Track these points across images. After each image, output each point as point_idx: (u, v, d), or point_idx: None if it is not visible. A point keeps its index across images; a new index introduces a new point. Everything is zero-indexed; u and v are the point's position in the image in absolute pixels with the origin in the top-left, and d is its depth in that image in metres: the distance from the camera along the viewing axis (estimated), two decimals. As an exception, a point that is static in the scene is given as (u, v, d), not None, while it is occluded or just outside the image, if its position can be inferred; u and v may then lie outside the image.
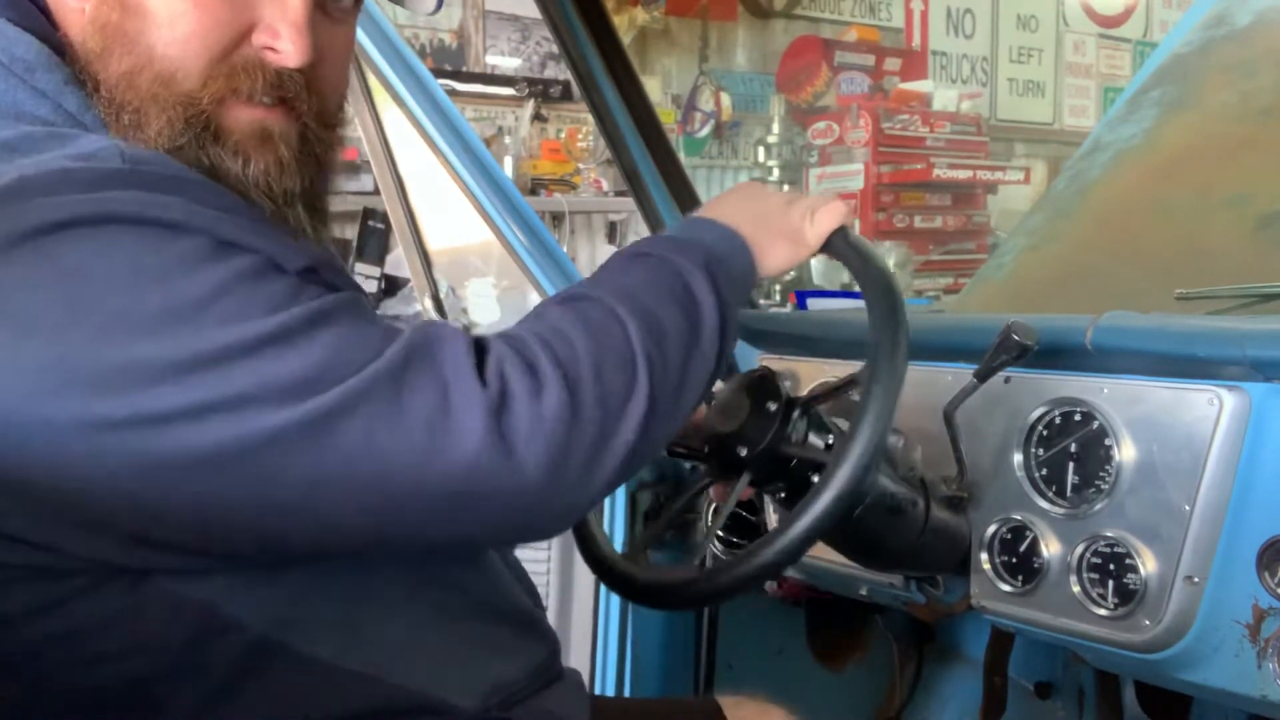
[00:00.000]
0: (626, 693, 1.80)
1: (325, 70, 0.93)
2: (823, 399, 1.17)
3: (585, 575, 1.79)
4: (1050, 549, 1.26)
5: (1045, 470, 1.27)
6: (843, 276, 5.19)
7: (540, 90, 5.17)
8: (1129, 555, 1.18)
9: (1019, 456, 1.29)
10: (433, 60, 4.94)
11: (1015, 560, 1.29)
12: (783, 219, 1.09)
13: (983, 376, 1.24)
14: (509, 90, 5.14)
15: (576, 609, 1.83)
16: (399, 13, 4.65)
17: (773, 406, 1.14)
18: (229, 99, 0.87)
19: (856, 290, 1.10)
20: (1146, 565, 1.17)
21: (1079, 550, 1.23)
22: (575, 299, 0.91)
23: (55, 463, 0.73)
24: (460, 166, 1.88)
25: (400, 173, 2.21)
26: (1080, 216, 2.00)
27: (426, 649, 0.94)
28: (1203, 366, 1.17)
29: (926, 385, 1.35)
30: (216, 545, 0.80)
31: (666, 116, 5.49)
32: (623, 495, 1.75)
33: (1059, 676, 1.83)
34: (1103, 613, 1.21)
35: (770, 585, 1.77)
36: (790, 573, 1.69)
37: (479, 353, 0.82)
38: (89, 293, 0.73)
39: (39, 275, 0.73)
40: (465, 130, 1.90)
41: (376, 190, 2.37)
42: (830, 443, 1.16)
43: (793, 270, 1.11)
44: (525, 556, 1.79)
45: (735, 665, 1.84)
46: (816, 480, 1.04)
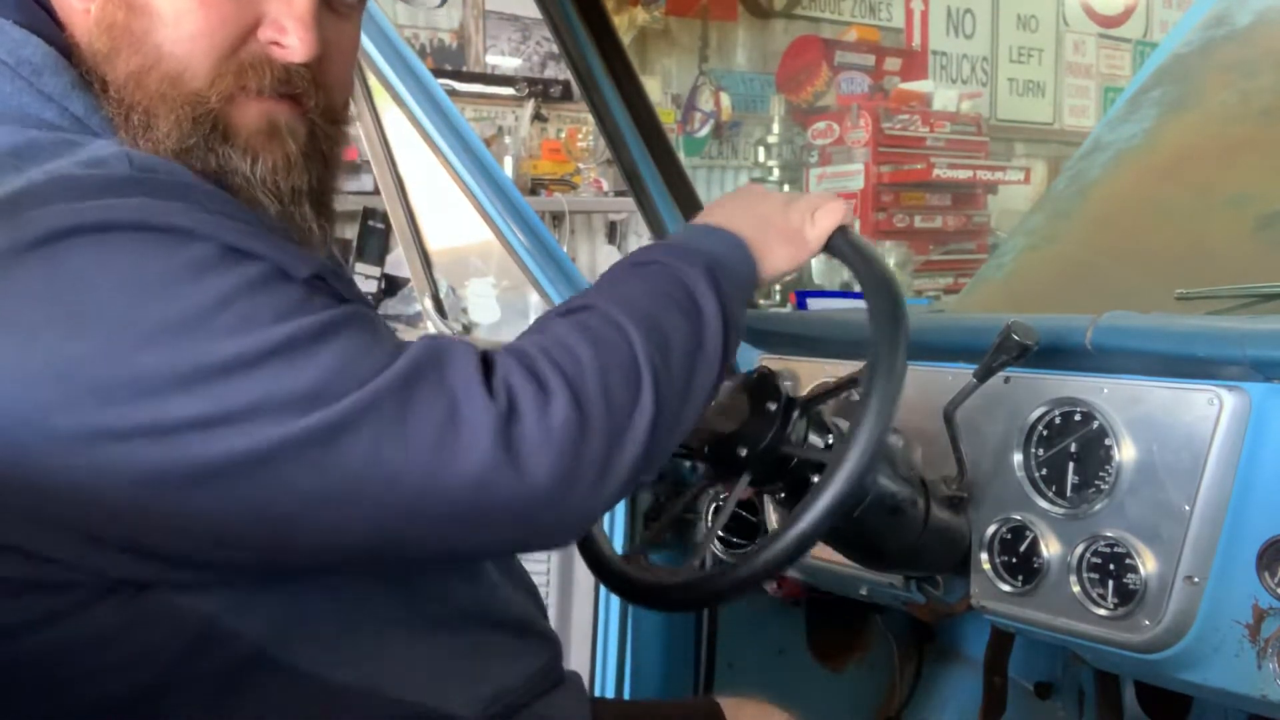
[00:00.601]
0: (627, 694, 1.80)
1: (331, 66, 0.93)
2: (823, 399, 1.17)
3: (585, 576, 1.79)
4: (1050, 549, 1.26)
5: (1045, 470, 1.27)
6: (843, 276, 5.18)
7: (540, 90, 5.17)
8: (1129, 555, 1.18)
9: (1019, 456, 1.29)
10: (433, 60, 4.93)
11: (1015, 560, 1.29)
12: (783, 220, 1.08)
13: (983, 376, 1.24)
14: (509, 90, 5.14)
15: (576, 610, 1.83)
16: (399, 13, 4.65)
17: (773, 406, 1.14)
18: (237, 96, 0.87)
19: (857, 290, 1.10)
20: (1146, 565, 1.17)
21: (1079, 550, 1.23)
22: (578, 310, 0.91)
23: (59, 474, 0.73)
24: (460, 166, 1.87)
25: (400, 173, 2.21)
26: (1080, 216, 2.00)
27: (426, 660, 0.94)
28: (1203, 366, 1.17)
29: (926, 385, 1.35)
30: (219, 558, 0.79)
31: (666, 116, 5.49)
32: (623, 495, 1.75)
33: (1059, 676, 1.83)
34: (1103, 613, 1.21)
35: (770, 585, 1.77)
36: (790, 573, 1.69)
37: (485, 367, 0.82)
38: (94, 301, 0.73)
39: (44, 284, 0.72)
40: (465, 130, 1.90)
41: (376, 190, 2.37)
42: (830, 443, 1.16)
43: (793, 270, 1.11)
44: (525, 558, 1.79)
45: (735, 665, 1.84)
46: (816, 480, 1.04)
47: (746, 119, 6.01)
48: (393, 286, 4.26)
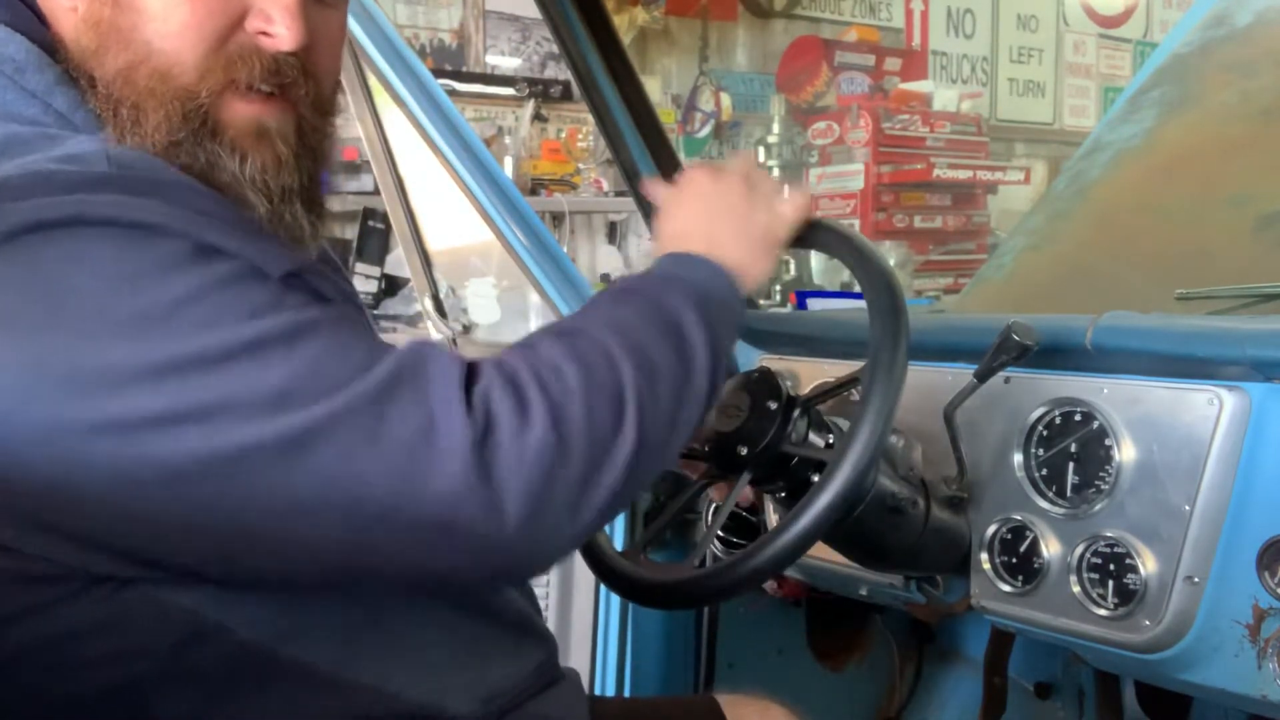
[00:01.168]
0: (626, 692, 1.80)
1: (319, 55, 0.93)
2: (823, 398, 1.17)
3: (585, 575, 1.79)
4: (1050, 549, 1.26)
5: (1045, 470, 1.27)
6: (843, 276, 5.19)
7: (540, 90, 5.17)
8: (1129, 555, 1.18)
9: (1019, 456, 1.29)
10: (433, 60, 4.93)
11: (1015, 560, 1.29)
12: (751, 224, 1.06)
13: (983, 376, 1.24)
14: (509, 90, 5.14)
15: (576, 609, 1.83)
16: (399, 13, 4.65)
17: (773, 406, 1.14)
18: (227, 92, 0.87)
19: (857, 290, 1.10)
20: (1146, 565, 1.17)
21: (1079, 550, 1.23)
22: (568, 333, 0.89)
23: (23, 466, 0.72)
24: (460, 166, 1.87)
25: (400, 173, 2.21)
26: (1080, 217, 2.00)
27: (423, 656, 0.93)
28: (1203, 366, 1.17)
29: (926, 385, 1.35)
30: (189, 560, 0.78)
31: (666, 116, 5.49)
32: (623, 495, 1.75)
33: (1059, 676, 1.83)
34: (1103, 613, 1.21)
35: (770, 585, 1.77)
36: (790, 573, 1.69)
37: (468, 377, 0.80)
38: (62, 296, 0.72)
39: (11, 277, 0.72)
40: (465, 130, 1.90)
41: (376, 190, 2.37)
42: (831, 442, 1.16)
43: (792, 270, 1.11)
44: (525, 556, 1.79)
45: (735, 665, 1.84)
46: (817, 479, 1.04)
47: (747, 119, 6.01)
48: (393, 286, 4.26)
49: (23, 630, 0.79)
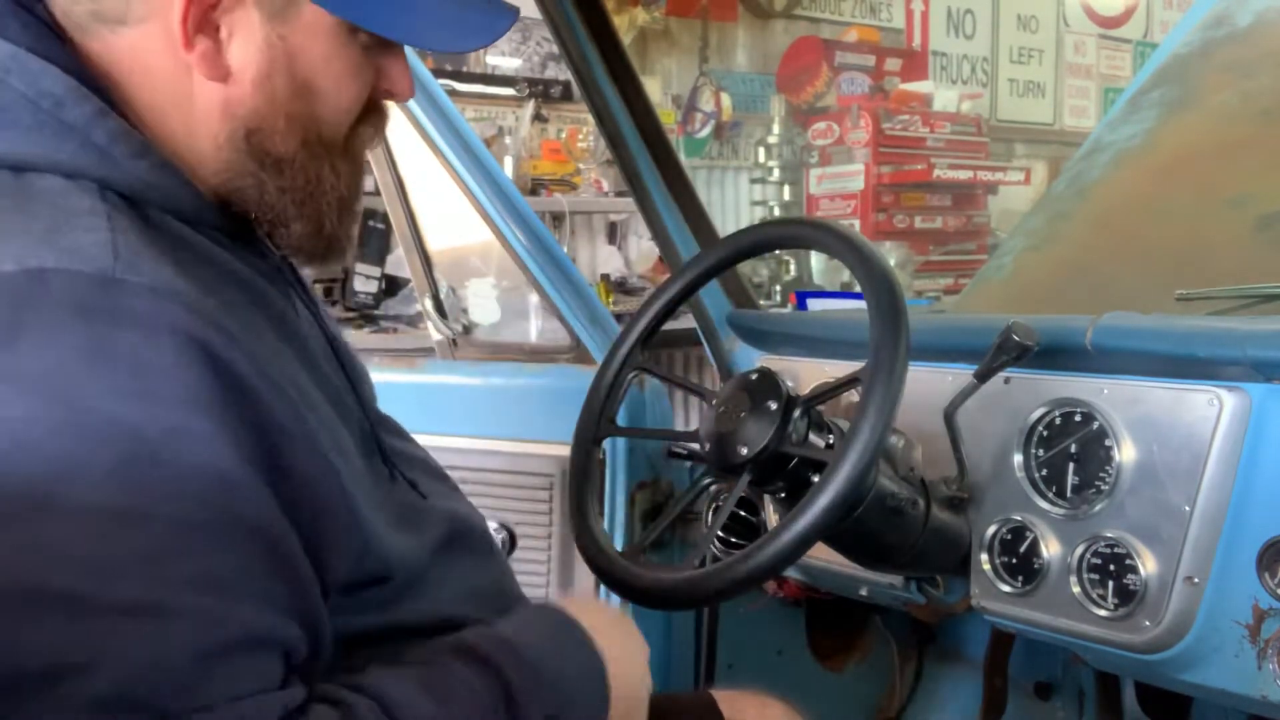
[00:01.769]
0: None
1: None
2: (823, 398, 1.17)
3: (585, 575, 1.79)
4: (1050, 549, 1.26)
5: (1045, 471, 1.27)
6: (843, 276, 5.19)
7: (540, 90, 5.17)
8: (1129, 556, 1.18)
9: (1019, 457, 1.29)
10: (433, 60, 4.93)
11: (1015, 561, 1.29)
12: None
13: (983, 377, 1.24)
14: (509, 90, 5.14)
15: (576, 609, 1.83)
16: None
17: (773, 406, 1.14)
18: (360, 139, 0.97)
19: (857, 290, 1.10)
20: (1146, 566, 1.17)
21: (1079, 551, 1.23)
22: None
23: None
24: (460, 166, 1.88)
25: (400, 173, 2.21)
26: (1080, 217, 2.00)
27: None
28: (1203, 367, 1.17)
29: (926, 385, 1.35)
30: None
31: (666, 116, 5.49)
32: (623, 495, 1.76)
33: (1059, 677, 1.83)
34: (1103, 613, 1.21)
35: (770, 585, 1.78)
36: (790, 573, 1.69)
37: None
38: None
39: None
40: (465, 130, 1.90)
41: (376, 190, 2.37)
42: (831, 442, 1.16)
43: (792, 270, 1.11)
44: (525, 556, 1.80)
45: (735, 665, 1.84)
46: (817, 480, 1.04)
47: (747, 119, 6.01)
48: (393, 286, 4.27)
49: None
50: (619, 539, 1.72)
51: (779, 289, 5.25)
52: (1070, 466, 1.25)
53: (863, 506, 1.18)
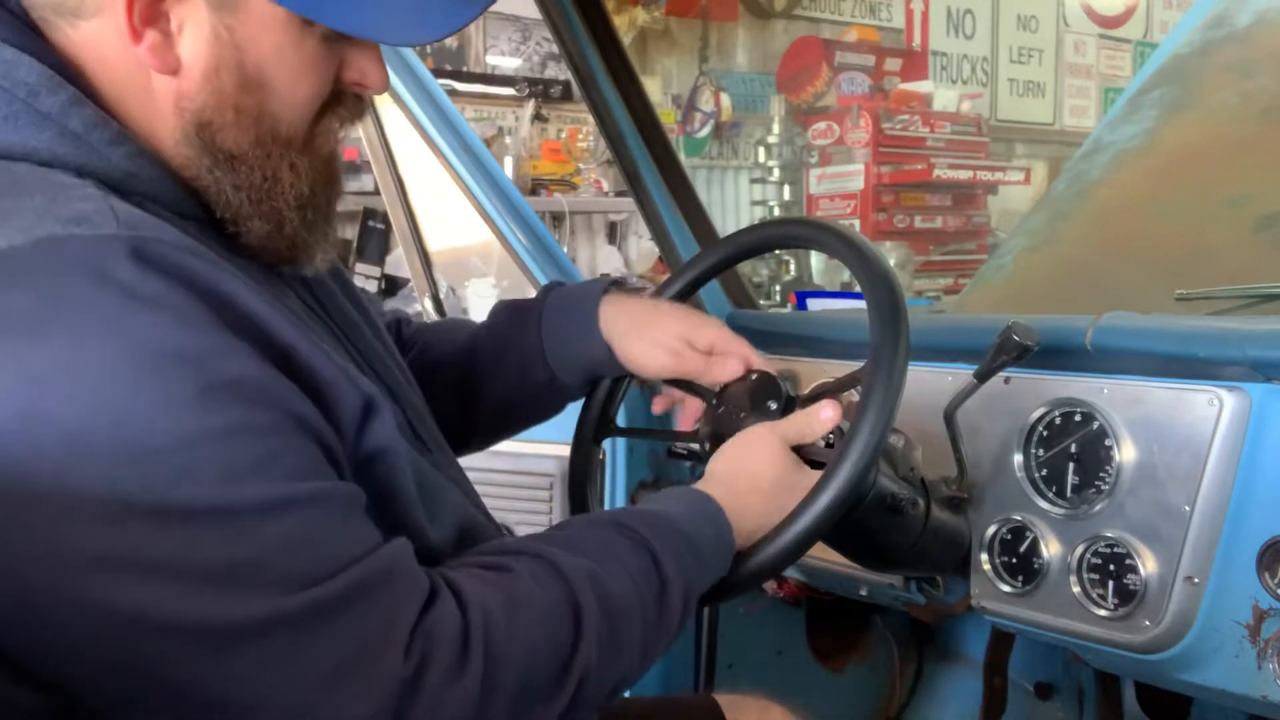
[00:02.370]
0: (627, 693, 1.80)
1: None
2: (823, 399, 1.17)
3: (585, 575, 1.79)
4: (1050, 549, 1.26)
5: (1045, 470, 1.27)
6: (843, 276, 5.19)
7: (540, 90, 5.18)
8: (1129, 556, 1.18)
9: (1019, 457, 1.29)
10: (433, 60, 4.93)
11: (1015, 561, 1.29)
12: (780, 505, 1.05)
13: (983, 377, 1.24)
14: (509, 90, 5.15)
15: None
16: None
17: (773, 406, 1.14)
18: (325, 134, 0.94)
19: (857, 290, 1.10)
20: (1146, 566, 1.17)
21: (1079, 551, 1.23)
22: (553, 571, 0.87)
23: None
24: (460, 166, 1.88)
25: (400, 173, 2.21)
26: (1080, 217, 2.00)
27: None
28: (1203, 367, 1.17)
29: (927, 385, 1.35)
30: (68, 685, 0.74)
31: (666, 116, 5.49)
32: (623, 495, 1.76)
33: (1059, 677, 1.83)
34: (1103, 613, 1.21)
35: (770, 585, 1.78)
36: (790, 573, 1.69)
37: (429, 595, 0.79)
38: (51, 402, 0.70)
39: (5, 372, 0.70)
40: (465, 130, 1.90)
41: (376, 190, 2.37)
42: (831, 442, 1.16)
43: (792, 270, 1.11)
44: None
45: (735, 665, 1.84)
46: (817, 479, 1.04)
47: (747, 119, 6.02)
48: (393, 286, 4.27)
49: None
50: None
51: (779, 289, 5.26)
52: (1070, 466, 1.25)
53: (863, 506, 1.18)
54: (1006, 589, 1.30)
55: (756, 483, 1.06)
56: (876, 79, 6.24)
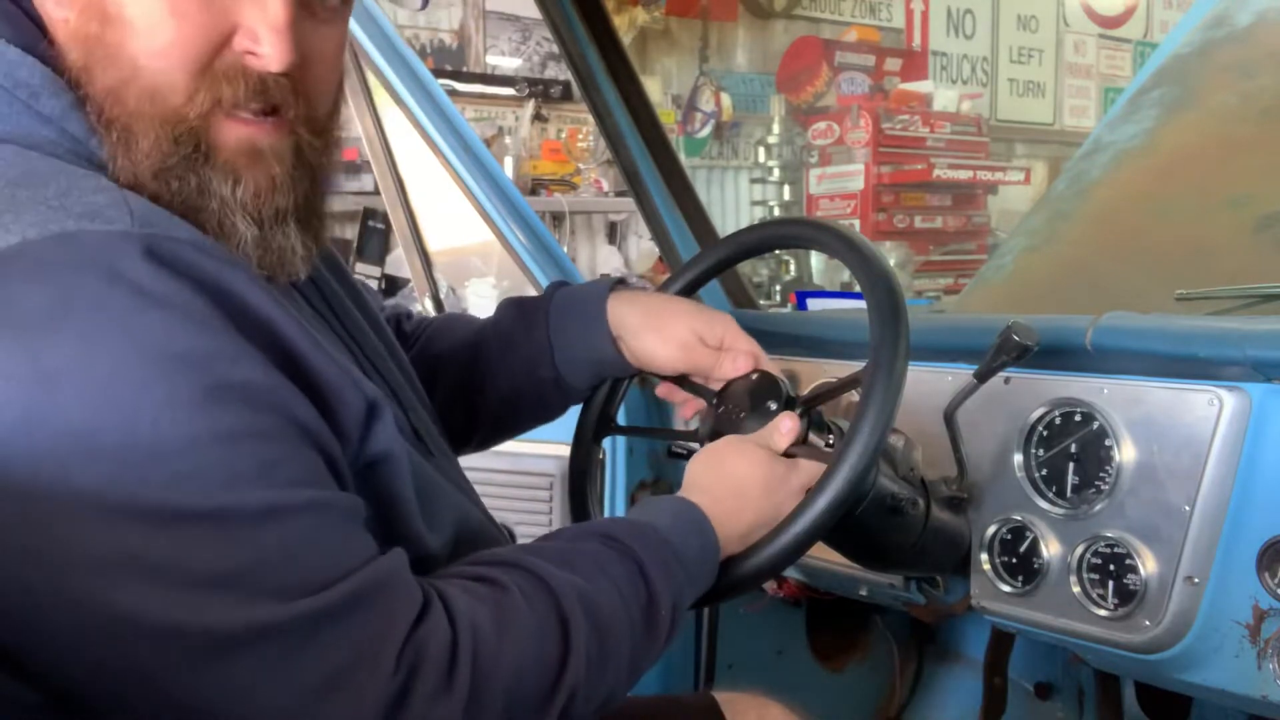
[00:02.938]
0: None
1: (313, 73, 0.89)
2: (823, 399, 1.17)
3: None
4: (1050, 549, 1.26)
5: (1045, 470, 1.27)
6: (843, 276, 5.19)
7: (540, 90, 5.17)
8: (1129, 556, 1.18)
9: (1019, 457, 1.29)
10: (433, 60, 4.93)
11: (1015, 561, 1.29)
12: (766, 513, 1.05)
13: (983, 377, 1.24)
14: (509, 90, 5.14)
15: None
16: (399, 13, 4.65)
17: (773, 406, 1.14)
18: (215, 112, 0.83)
19: (857, 290, 1.10)
20: (1146, 566, 1.17)
21: (1079, 551, 1.23)
22: (542, 588, 0.86)
23: None
24: (460, 166, 1.88)
25: (400, 173, 2.21)
26: (1080, 217, 2.00)
27: None
28: (1203, 367, 1.17)
29: (926, 385, 1.35)
30: (58, 681, 0.74)
31: (666, 116, 5.49)
32: (623, 495, 1.76)
33: (1059, 677, 1.83)
34: (1103, 613, 1.21)
35: (770, 585, 1.77)
36: (790, 573, 1.69)
37: (421, 609, 0.78)
38: (60, 399, 0.70)
39: (17, 367, 0.70)
40: (465, 130, 1.90)
41: (376, 190, 2.37)
42: (831, 442, 1.16)
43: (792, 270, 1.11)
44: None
45: (735, 665, 1.84)
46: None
47: (747, 119, 6.02)
48: (393, 286, 4.27)
49: None
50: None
51: (779, 289, 5.26)
52: (1070, 466, 1.25)
53: (863, 506, 1.18)
54: (1006, 589, 1.30)
55: (741, 485, 1.05)
56: (876, 79, 6.24)
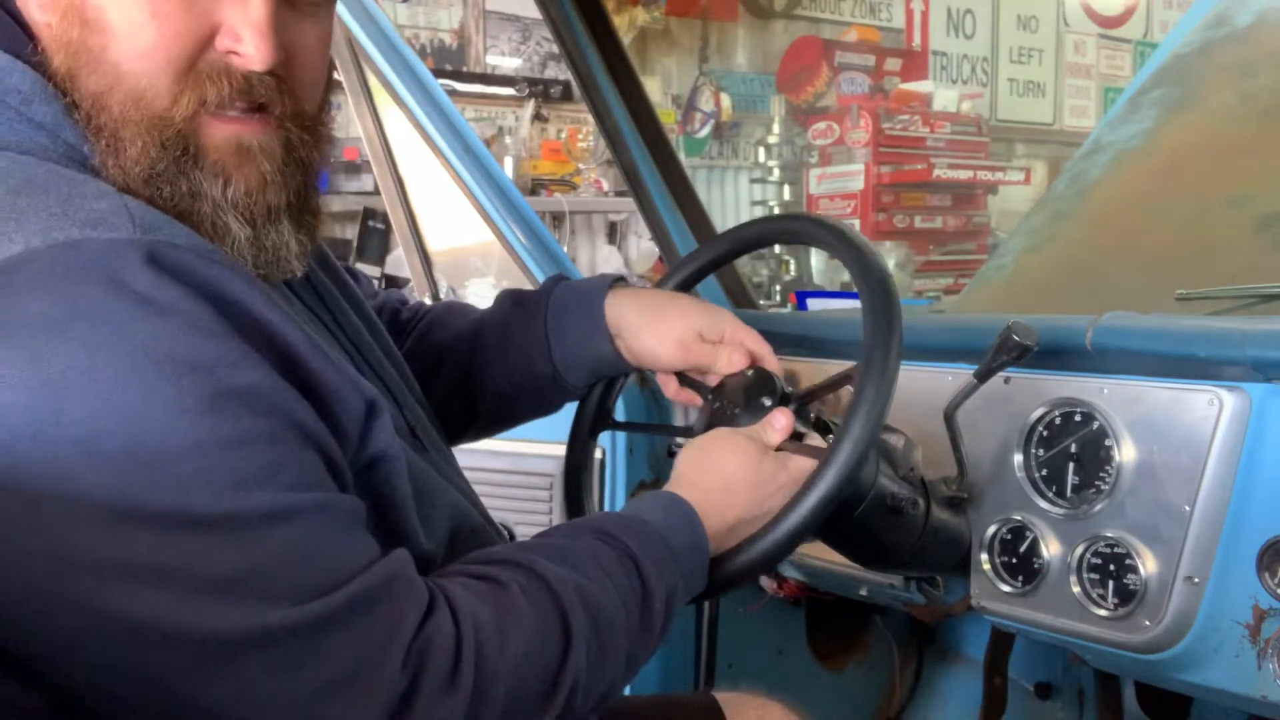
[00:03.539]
0: (626, 691, 1.80)
1: (299, 68, 0.89)
2: (817, 395, 1.17)
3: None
4: (1050, 549, 1.26)
5: (1045, 470, 1.27)
6: (843, 276, 5.18)
7: (540, 90, 5.18)
8: (1129, 556, 1.18)
9: (1019, 457, 1.29)
10: (433, 60, 4.93)
11: (1015, 560, 1.29)
12: (759, 510, 1.05)
13: (983, 377, 1.24)
14: (509, 90, 5.14)
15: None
16: (399, 13, 4.65)
17: (767, 403, 1.14)
18: (201, 114, 0.83)
19: (856, 290, 1.10)
20: (1146, 566, 1.17)
21: (1079, 551, 1.23)
22: (542, 585, 0.86)
23: None
24: (460, 166, 1.88)
25: (400, 173, 2.21)
26: (1080, 217, 2.00)
27: None
28: (1203, 367, 1.17)
29: (927, 385, 1.35)
30: (62, 681, 0.74)
31: (666, 116, 5.49)
32: (623, 494, 1.76)
33: (1059, 677, 1.83)
34: (1103, 613, 1.21)
35: (770, 585, 1.78)
36: (790, 572, 1.69)
37: (427, 609, 0.79)
38: (65, 406, 0.70)
39: (22, 374, 0.70)
40: (465, 130, 1.91)
41: (376, 190, 2.37)
42: (827, 440, 1.16)
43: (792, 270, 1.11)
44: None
45: (735, 665, 1.84)
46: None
47: (747, 119, 6.02)
48: (393, 286, 4.27)
49: None
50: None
51: (779, 289, 5.26)
52: (1070, 466, 1.25)
53: (863, 506, 1.18)
54: (1006, 589, 1.30)
55: (729, 479, 1.05)
56: (876, 79, 6.24)
